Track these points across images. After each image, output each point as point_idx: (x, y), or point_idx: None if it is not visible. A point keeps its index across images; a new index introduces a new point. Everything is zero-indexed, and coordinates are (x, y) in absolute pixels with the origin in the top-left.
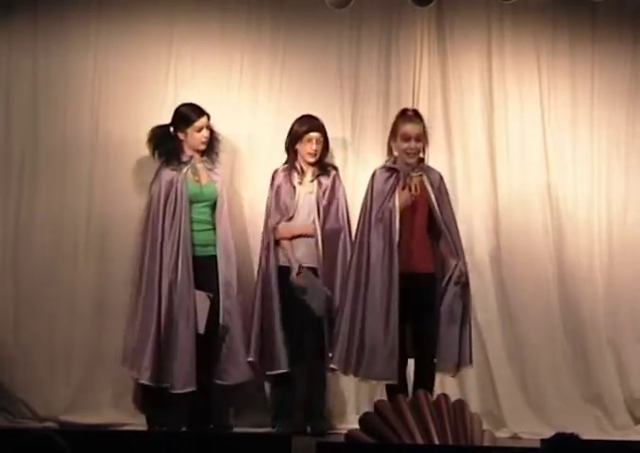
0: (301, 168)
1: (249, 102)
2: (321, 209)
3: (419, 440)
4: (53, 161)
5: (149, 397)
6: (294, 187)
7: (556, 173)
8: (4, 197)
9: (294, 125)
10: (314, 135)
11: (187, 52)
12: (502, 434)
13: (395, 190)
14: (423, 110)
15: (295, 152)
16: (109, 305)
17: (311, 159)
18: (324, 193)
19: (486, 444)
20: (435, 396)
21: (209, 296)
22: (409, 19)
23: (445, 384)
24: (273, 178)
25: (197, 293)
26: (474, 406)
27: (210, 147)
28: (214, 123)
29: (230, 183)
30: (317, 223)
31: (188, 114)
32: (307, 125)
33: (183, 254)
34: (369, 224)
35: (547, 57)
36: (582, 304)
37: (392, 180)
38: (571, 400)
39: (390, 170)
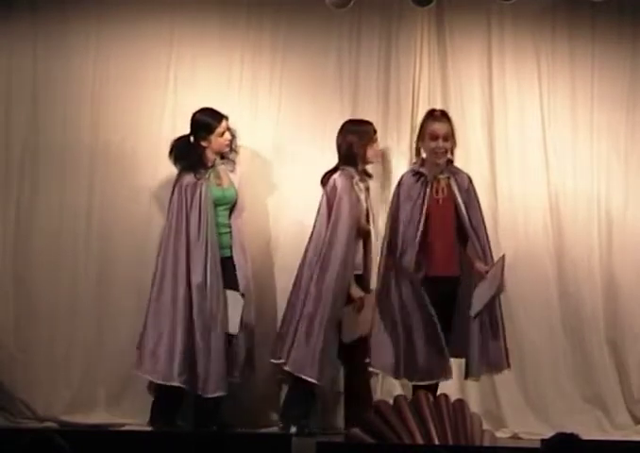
0: (360, 172)
1: (249, 103)
2: (372, 213)
3: (419, 440)
4: (53, 162)
5: (164, 400)
6: (358, 192)
7: (556, 173)
8: (4, 198)
9: (357, 127)
10: (376, 137)
11: (187, 53)
12: (502, 434)
13: (422, 195)
14: (423, 111)
15: (364, 155)
16: (110, 305)
17: (377, 161)
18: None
19: (486, 444)
20: (435, 396)
21: (242, 295)
22: (409, 19)
23: (445, 384)
24: (333, 184)
25: (229, 292)
26: (474, 406)
27: (229, 147)
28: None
29: None
30: (372, 227)
31: (208, 121)
32: (370, 127)
33: (212, 257)
34: (397, 230)
35: (547, 56)
36: (582, 304)
37: (419, 185)
38: (571, 400)
39: (417, 174)
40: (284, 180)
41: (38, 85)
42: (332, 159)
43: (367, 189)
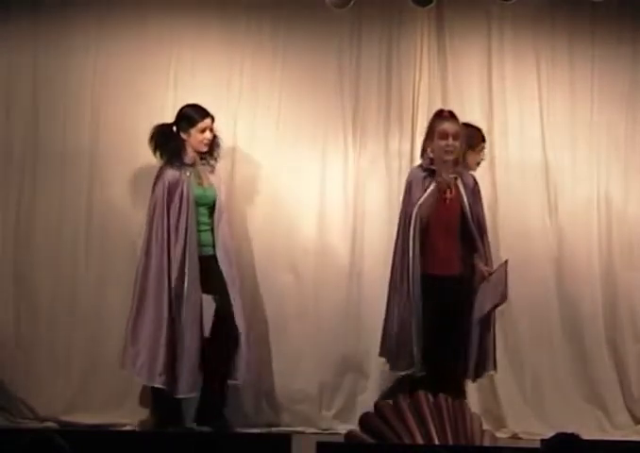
0: None
1: (250, 104)
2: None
3: (419, 440)
4: (53, 162)
5: (161, 399)
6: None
7: (555, 173)
8: (4, 198)
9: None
10: (483, 145)
11: (187, 54)
12: (502, 434)
13: (429, 190)
14: (422, 111)
15: (463, 161)
16: (109, 305)
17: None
18: None
19: (486, 444)
20: (435, 396)
21: (214, 299)
22: (409, 19)
23: None
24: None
25: (203, 296)
26: (474, 406)
27: (210, 152)
28: (220, 125)
29: (231, 185)
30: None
31: (192, 115)
32: (476, 133)
33: (190, 256)
34: (408, 224)
35: (547, 57)
36: (582, 304)
37: (426, 182)
38: (571, 400)
39: (426, 170)
40: (284, 181)
41: (38, 85)
42: (333, 160)
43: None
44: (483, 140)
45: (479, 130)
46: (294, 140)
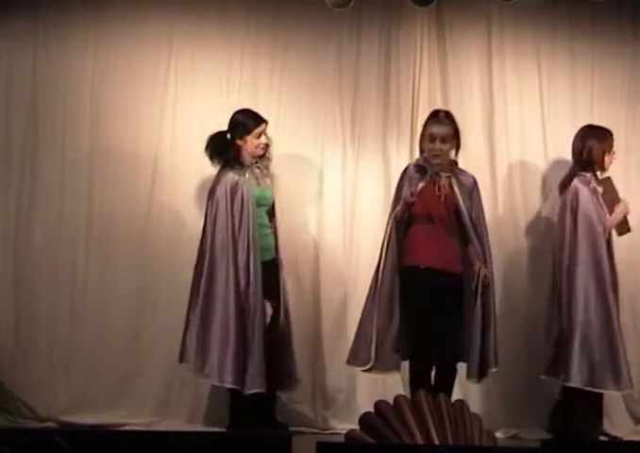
0: (595, 178)
1: (249, 103)
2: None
3: (419, 440)
4: (53, 162)
5: (239, 401)
6: (595, 193)
7: (556, 172)
8: (4, 198)
9: (597, 132)
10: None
11: (187, 52)
12: (502, 434)
13: (421, 188)
14: (423, 110)
15: (602, 162)
16: (109, 305)
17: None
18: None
19: (486, 444)
20: (435, 396)
21: (272, 305)
22: (409, 19)
23: None
24: (574, 191)
25: None
26: (474, 406)
27: (264, 153)
28: (221, 123)
29: None
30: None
31: (247, 122)
32: (610, 134)
33: (254, 258)
34: (389, 220)
35: (547, 56)
36: None
37: (418, 178)
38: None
39: (420, 167)
40: (283, 179)
41: (37, 84)
42: (331, 159)
43: (599, 195)
44: (613, 141)
45: (610, 132)
46: (293, 138)
